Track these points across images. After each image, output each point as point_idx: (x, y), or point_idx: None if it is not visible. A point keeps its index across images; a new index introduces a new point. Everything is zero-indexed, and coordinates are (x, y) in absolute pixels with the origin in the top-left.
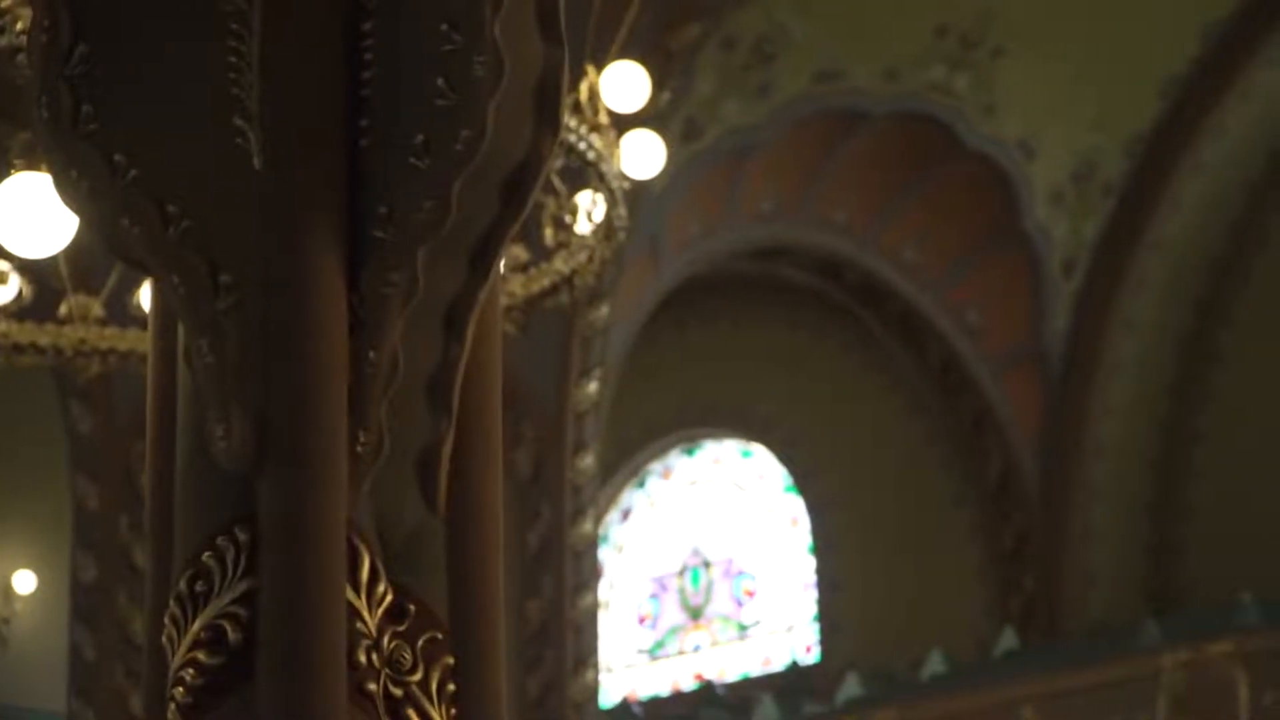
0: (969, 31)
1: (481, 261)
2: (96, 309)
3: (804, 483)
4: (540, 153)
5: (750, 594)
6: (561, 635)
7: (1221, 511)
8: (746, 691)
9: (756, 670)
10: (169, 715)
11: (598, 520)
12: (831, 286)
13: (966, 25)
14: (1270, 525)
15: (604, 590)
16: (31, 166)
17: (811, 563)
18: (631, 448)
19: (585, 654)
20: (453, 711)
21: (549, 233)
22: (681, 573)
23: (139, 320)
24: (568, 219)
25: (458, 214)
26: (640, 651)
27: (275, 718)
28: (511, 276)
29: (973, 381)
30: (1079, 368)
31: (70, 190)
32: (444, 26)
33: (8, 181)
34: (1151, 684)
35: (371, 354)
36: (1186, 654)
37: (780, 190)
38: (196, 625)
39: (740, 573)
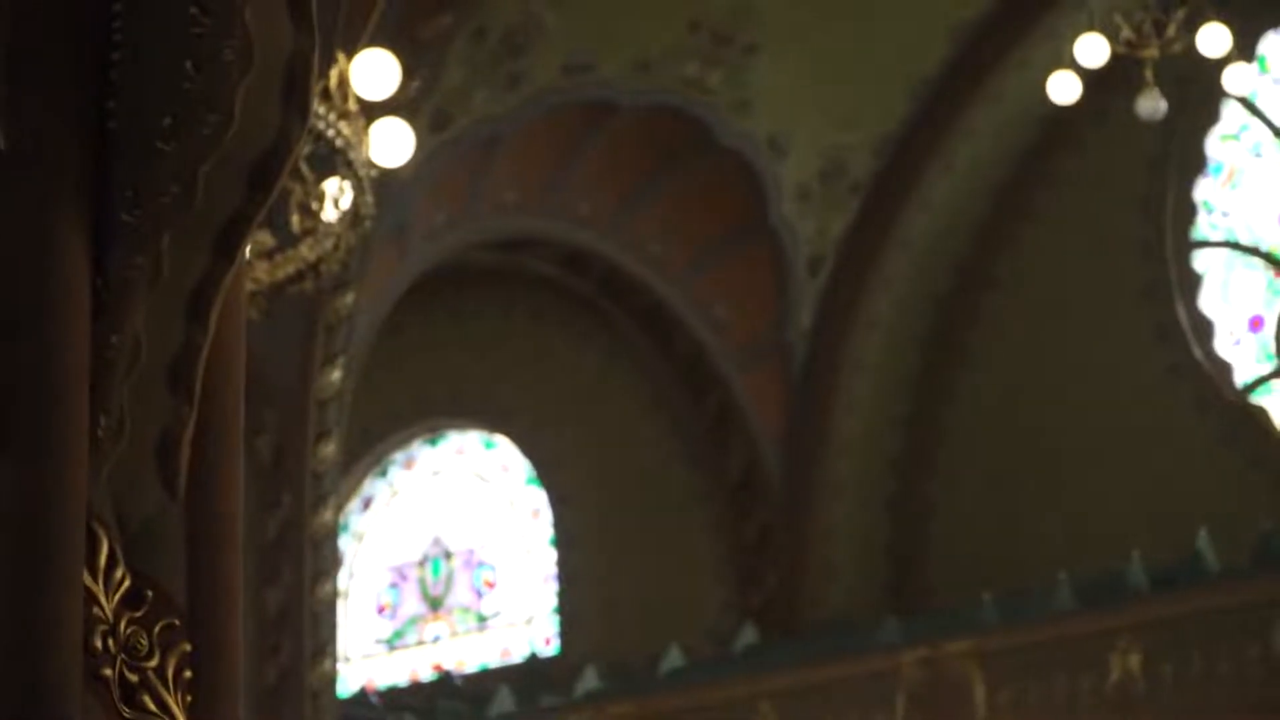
0: (722, 27)
1: (227, 247)
2: None
3: (546, 475)
4: (288, 139)
5: (490, 585)
6: (300, 624)
7: (963, 510)
8: (485, 683)
9: (495, 662)
10: None
11: (338, 509)
12: (576, 279)
13: (720, 21)
14: (1011, 525)
15: (343, 579)
16: None
17: (552, 555)
18: (374, 437)
19: (323, 643)
20: (189, 698)
21: (295, 219)
22: (422, 563)
23: None
24: (315, 206)
25: (203, 199)
26: (379, 641)
27: (8, 703)
28: (257, 262)
29: (717, 376)
30: (823, 365)
31: None
32: (193, 9)
33: None
34: (890, 681)
35: (114, 338)
36: (925, 652)
37: (526, 181)
38: None
39: (481, 564)
